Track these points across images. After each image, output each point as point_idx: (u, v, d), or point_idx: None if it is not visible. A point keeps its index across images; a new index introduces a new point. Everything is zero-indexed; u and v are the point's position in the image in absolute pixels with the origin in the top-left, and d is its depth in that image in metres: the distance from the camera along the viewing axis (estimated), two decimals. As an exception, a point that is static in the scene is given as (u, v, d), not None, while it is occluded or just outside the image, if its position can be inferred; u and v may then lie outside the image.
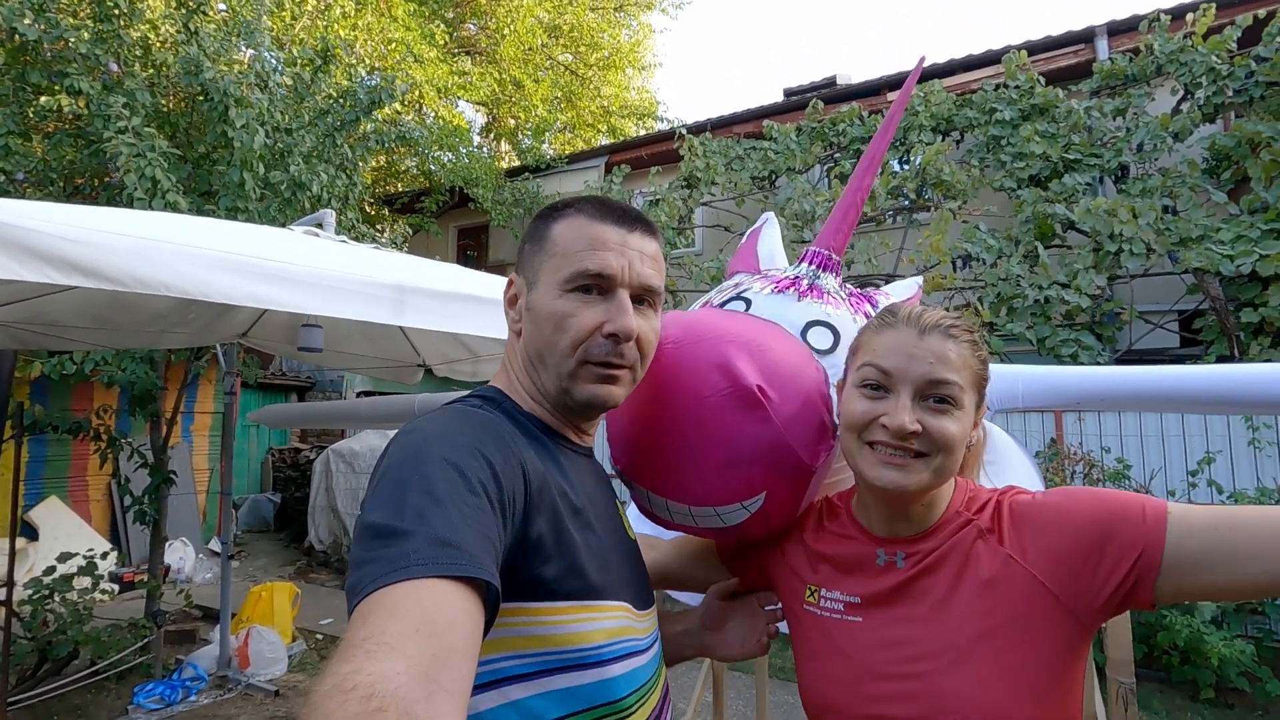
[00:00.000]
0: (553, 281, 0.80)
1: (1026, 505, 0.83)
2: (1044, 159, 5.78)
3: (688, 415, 0.87)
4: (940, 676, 0.77)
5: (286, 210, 4.19)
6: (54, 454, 6.47)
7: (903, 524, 0.87)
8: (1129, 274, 5.25)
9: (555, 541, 0.71)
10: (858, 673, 0.83)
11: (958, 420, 0.80)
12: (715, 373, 0.86)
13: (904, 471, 0.80)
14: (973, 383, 0.83)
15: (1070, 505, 0.79)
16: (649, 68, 15.69)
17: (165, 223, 1.92)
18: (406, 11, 10.36)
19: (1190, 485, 4.44)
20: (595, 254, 0.79)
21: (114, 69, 4.20)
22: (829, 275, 1.16)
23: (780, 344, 0.94)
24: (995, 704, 0.74)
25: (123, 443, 4.40)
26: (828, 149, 7.18)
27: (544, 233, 0.83)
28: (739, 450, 0.86)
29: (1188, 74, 5.51)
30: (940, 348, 0.81)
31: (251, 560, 7.54)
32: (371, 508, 0.60)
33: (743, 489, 0.89)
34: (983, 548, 0.82)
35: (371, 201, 10.64)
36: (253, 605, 4.61)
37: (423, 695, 0.45)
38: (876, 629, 0.84)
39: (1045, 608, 0.76)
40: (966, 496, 0.89)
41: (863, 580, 0.88)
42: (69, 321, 2.79)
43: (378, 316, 1.97)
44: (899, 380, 0.81)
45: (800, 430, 0.88)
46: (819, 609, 0.90)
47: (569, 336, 0.78)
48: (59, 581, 4.03)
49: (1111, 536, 0.74)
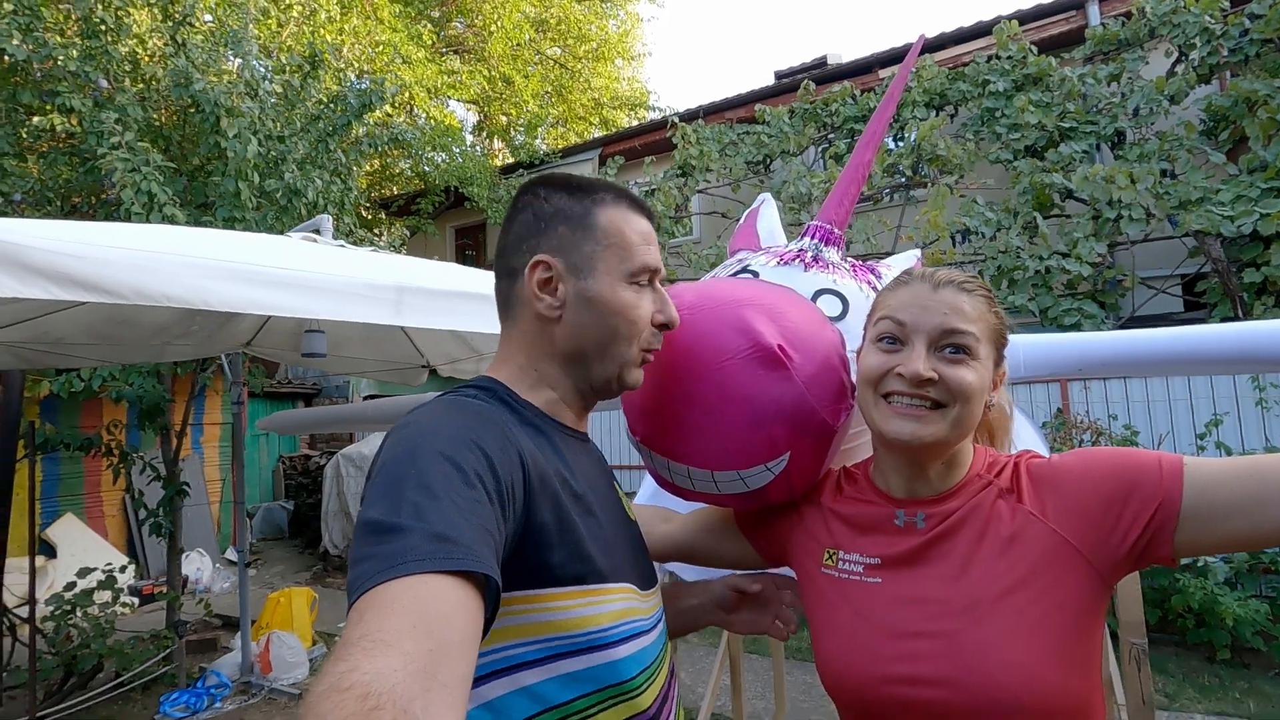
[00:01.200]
0: (617, 272, 0.81)
1: (1045, 465, 0.83)
2: (1039, 129, 5.74)
3: (709, 379, 0.87)
4: (964, 634, 0.77)
5: (283, 218, 4.21)
6: (67, 471, 6.53)
7: (922, 483, 0.87)
8: (1129, 240, 5.23)
9: (558, 528, 0.71)
10: (878, 633, 0.83)
11: (974, 370, 0.80)
12: (736, 335, 0.87)
13: (920, 422, 0.80)
14: (989, 335, 0.83)
15: (1089, 461, 0.80)
16: (638, 57, 15.64)
17: (163, 235, 1.94)
18: (392, 13, 10.34)
19: (1199, 448, 4.44)
20: (650, 249, 0.84)
21: (104, 85, 4.21)
22: (832, 249, 1.16)
23: (796, 307, 0.95)
24: (1021, 659, 0.74)
25: (134, 457, 4.43)
26: (821, 130, 7.15)
27: (587, 217, 0.82)
28: (762, 410, 0.86)
29: (1181, 35, 5.46)
30: (954, 300, 0.82)
31: (268, 568, 7.61)
32: (369, 504, 0.60)
33: (766, 450, 0.89)
34: (1003, 506, 0.82)
35: (368, 205, 10.65)
36: (271, 611, 4.66)
37: (420, 692, 0.45)
38: (896, 589, 0.84)
39: (1067, 561, 0.77)
40: (987, 461, 0.89)
41: (882, 541, 0.88)
42: (73, 339, 2.81)
43: (378, 318, 1.98)
44: (913, 331, 0.82)
45: (821, 389, 0.88)
46: (837, 571, 0.90)
47: (638, 328, 0.82)
48: (80, 596, 4.08)
49: (1131, 490, 0.75)
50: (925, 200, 5.91)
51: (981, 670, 0.75)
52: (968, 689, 0.75)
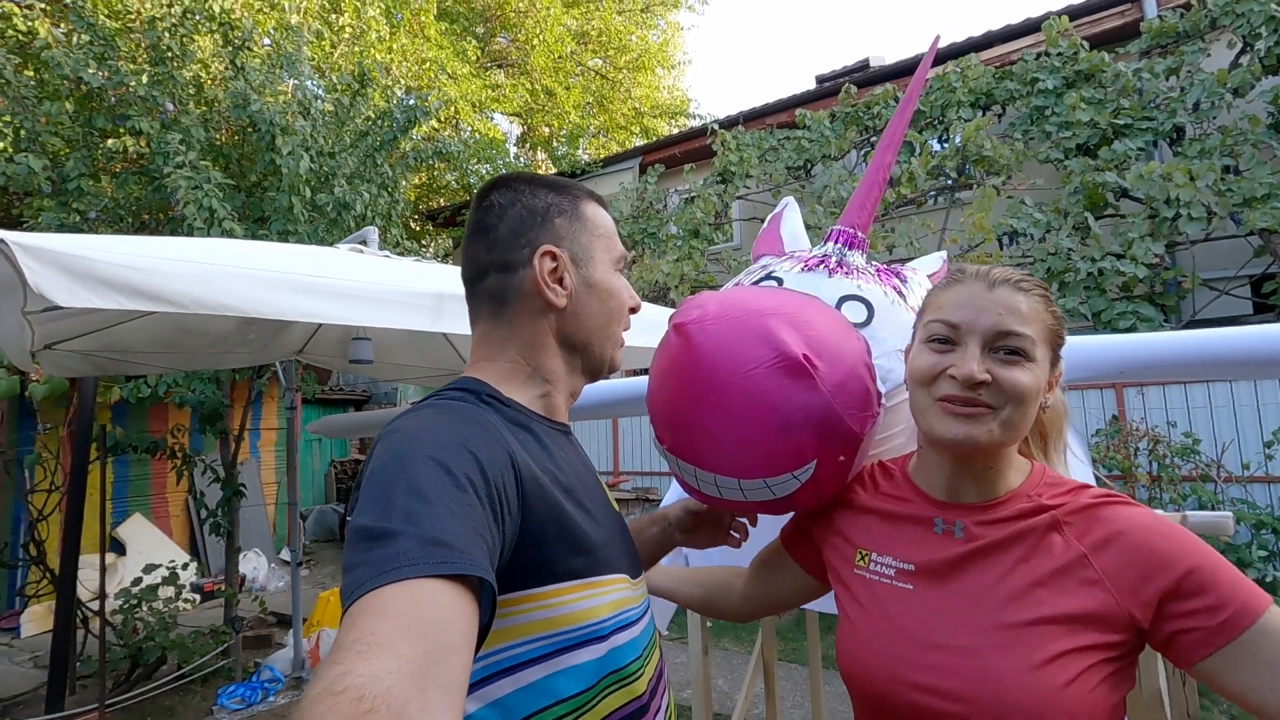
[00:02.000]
0: (608, 260, 0.89)
1: (1123, 519, 0.77)
2: (1092, 126, 5.55)
3: (735, 388, 0.87)
4: (989, 654, 0.75)
5: (333, 230, 4.38)
6: (135, 473, 6.89)
7: (967, 486, 0.85)
8: (1189, 240, 5.01)
9: (555, 524, 0.72)
10: (903, 639, 0.81)
11: (1029, 372, 0.78)
12: (761, 345, 0.87)
13: (973, 423, 0.78)
14: (1045, 337, 0.81)
15: (1178, 540, 0.74)
16: (679, 66, 15.70)
17: (220, 247, 2.05)
18: (439, 31, 10.65)
19: (1266, 457, 4.21)
20: (618, 240, 0.92)
21: (170, 108, 4.46)
22: (856, 252, 1.16)
23: (820, 315, 0.95)
24: (1044, 692, 0.72)
25: (196, 459, 4.66)
26: (863, 133, 7.06)
27: (578, 210, 0.88)
28: (789, 419, 0.86)
29: (1245, 25, 5.21)
30: (1010, 299, 0.80)
31: (320, 568, 7.86)
32: (360, 511, 0.59)
33: (794, 458, 0.89)
34: (1058, 540, 0.78)
35: (415, 217, 10.96)
36: (322, 610, 4.82)
37: (415, 694, 0.44)
38: (926, 598, 0.82)
39: (1110, 619, 0.74)
40: (1044, 479, 0.84)
41: (917, 547, 0.86)
42: (141, 347, 2.98)
43: (418, 324, 2.05)
44: (967, 332, 0.80)
45: (847, 397, 0.88)
46: (869, 573, 0.89)
47: (625, 309, 0.91)
48: (146, 592, 4.30)
49: (1202, 590, 0.70)
50: (970, 202, 5.78)
51: (1002, 695, 0.73)
52: (985, 710, 0.74)
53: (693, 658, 1.99)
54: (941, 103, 6.40)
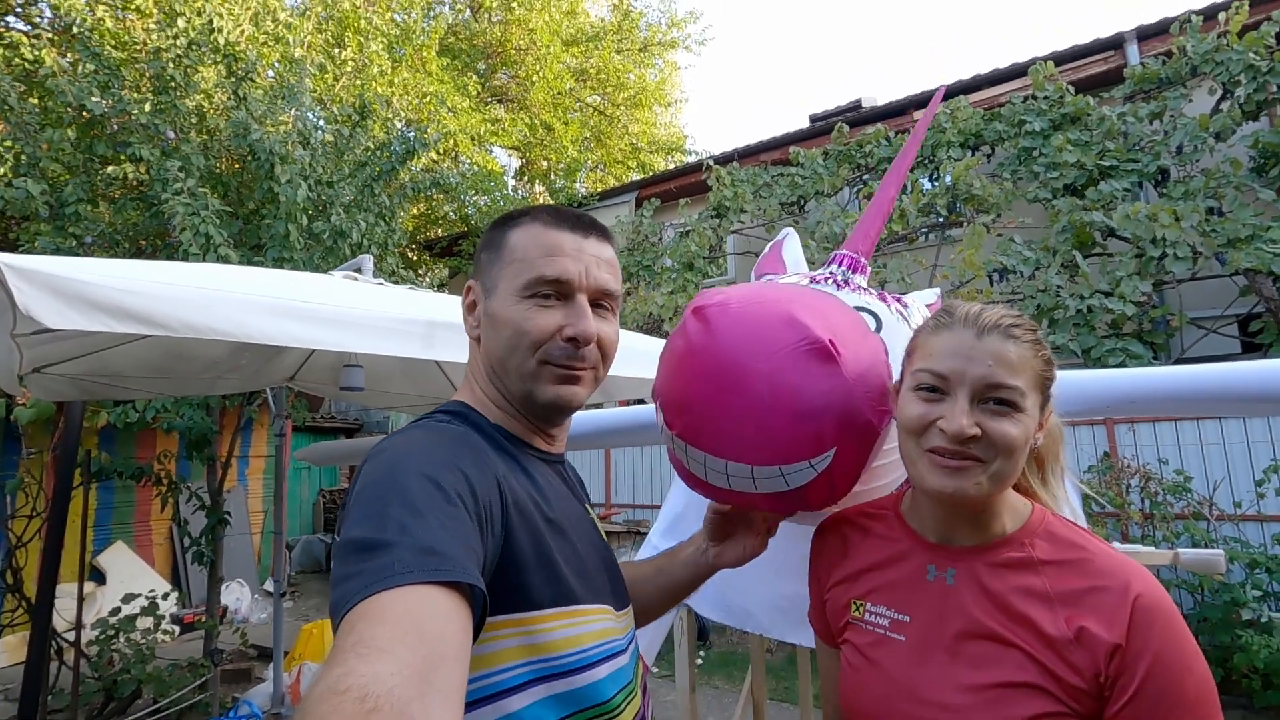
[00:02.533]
0: (511, 288, 0.81)
1: (1158, 639, 0.74)
2: (1078, 167, 5.68)
3: (757, 371, 0.85)
4: (968, 714, 0.76)
5: (329, 258, 4.40)
6: (119, 500, 6.79)
7: (961, 529, 0.85)
8: (1175, 279, 5.08)
9: (534, 551, 0.72)
10: (895, 693, 0.82)
11: (1018, 423, 0.78)
12: (786, 328, 0.85)
13: (962, 476, 0.77)
14: (1034, 384, 0.80)
15: (1189, 672, 0.72)
16: (675, 104, 16.04)
17: (213, 272, 2.05)
18: (440, 66, 10.86)
19: (1258, 495, 4.21)
20: (552, 260, 0.80)
21: (171, 136, 4.51)
22: (858, 275, 1.18)
23: (840, 311, 0.95)
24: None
25: (182, 486, 4.59)
26: (855, 171, 7.19)
27: (500, 240, 0.84)
28: (811, 403, 0.84)
29: (1225, 73, 5.38)
30: (999, 349, 0.78)
31: (304, 600, 7.71)
32: (351, 525, 0.60)
33: (812, 444, 0.86)
34: (1046, 613, 0.77)
35: (413, 247, 11.03)
36: (304, 643, 4.71)
37: (416, 695, 0.45)
38: (916, 651, 0.82)
39: (1089, 693, 0.74)
40: (1043, 528, 0.83)
41: (910, 596, 0.86)
42: (131, 372, 2.96)
43: (411, 351, 2.05)
44: (956, 383, 0.79)
45: (867, 388, 0.87)
46: (864, 623, 0.89)
47: (529, 339, 0.80)
48: (124, 622, 4.20)
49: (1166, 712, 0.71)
50: (961, 240, 5.86)
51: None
52: None
53: (680, 695, 1.95)
54: (932, 142, 6.54)
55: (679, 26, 14.82)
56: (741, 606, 1.41)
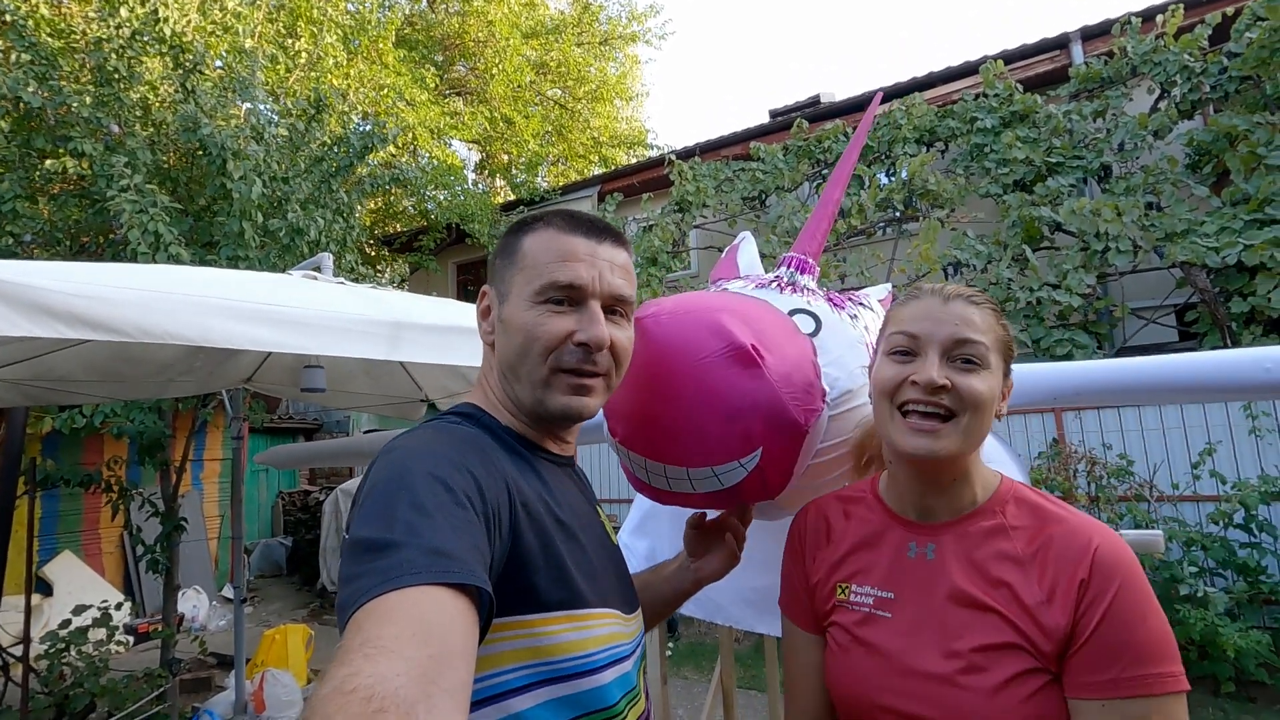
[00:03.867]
0: (524, 294, 0.81)
1: (1119, 587, 0.76)
2: (1027, 164, 5.87)
3: (686, 378, 0.91)
4: (961, 681, 0.79)
5: (286, 256, 4.29)
6: (66, 508, 6.53)
7: (937, 503, 0.88)
8: (1118, 271, 5.31)
9: (543, 553, 0.72)
10: (884, 668, 0.84)
11: (985, 380, 0.83)
12: (711, 336, 0.91)
13: (934, 437, 0.82)
14: (997, 347, 0.86)
15: (1142, 621, 0.76)
16: (637, 98, 16.00)
17: (168, 274, 2.00)
18: (397, 58, 10.63)
19: (1194, 477, 4.44)
20: (565, 265, 0.80)
21: (115, 130, 4.34)
22: (806, 277, 1.22)
23: (768, 314, 1.00)
24: (1009, 712, 0.75)
25: (134, 493, 4.45)
26: (814, 166, 7.30)
27: (514, 246, 0.85)
28: (736, 405, 0.90)
29: (1162, 73, 5.62)
30: (964, 312, 0.85)
31: (265, 605, 7.54)
32: (359, 525, 0.60)
33: (740, 445, 0.92)
34: (1018, 573, 0.81)
35: (371, 242, 10.81)
36: (267, 649, 4.62)
37: (422, 696, 0.45)
38: (903, 626, 0.85)
39: (1059, 648, 0.77)
40: (1013, 496, 0.88)
41: (893, 574, 0.89)
42: (77, 376, 2.86)
43: (375, 353, 2.03)
44: (926, 342, 0.85)
45: (793, 388, 0.92)
46: (849, 605, 0.91)
47: (540, 344, 0.79)
48: (74, 634, 4.05)
49: (1131, 663, 0.74)
50: (917, 234, 6.01)
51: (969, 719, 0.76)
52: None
53: (652, 686, 1.98)
54: (888, 138, 6.68)
55: (639, 20, 14.78)
56: (711, 599, 1.44)
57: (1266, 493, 4.05)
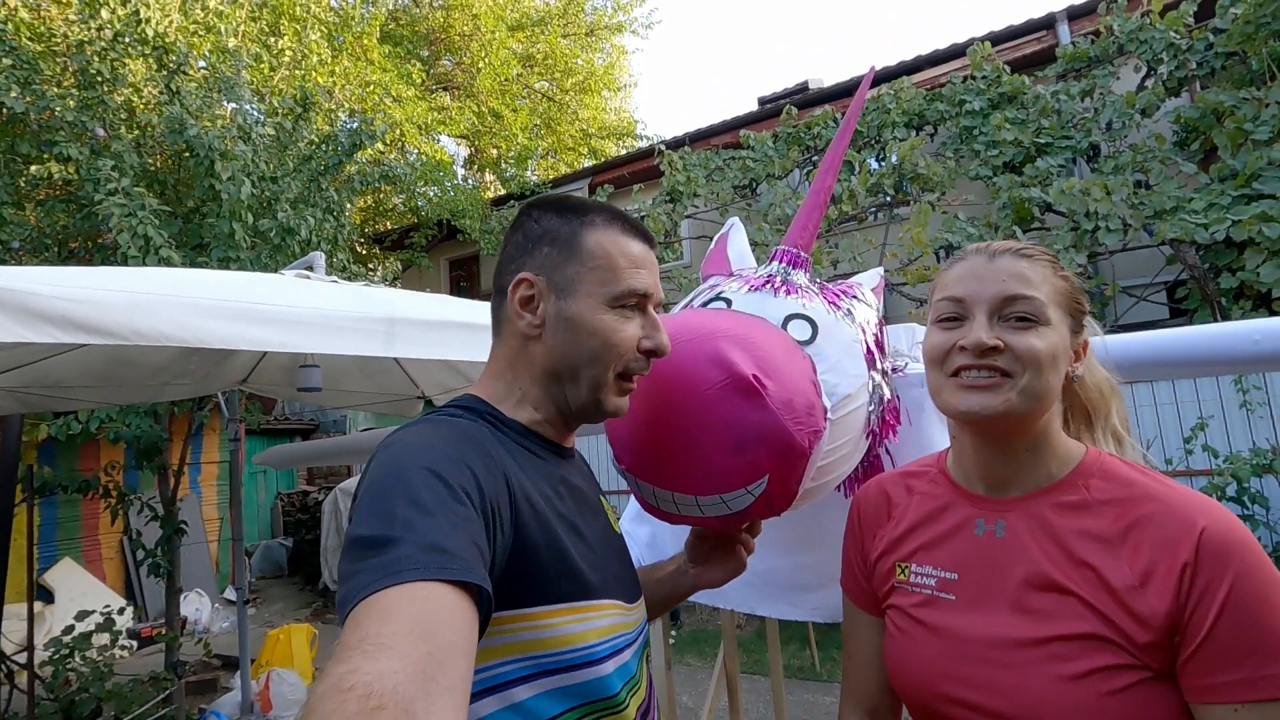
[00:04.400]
0: (598, 295, 0.80)
1: (1235, 573, 0.66)
2: (1016, 145, 5.88)
3: (689, 409, 0.91)
4: (1029, 670, 0.72)
5: (277, 256, 4.28)
6: (65, 515, 6.52)
7: (1008, 474, 0.81)
8: (1108, 250, 5.33)
9: (546, 546, 0.72)
10: (947, 654, 0.78)
11: (1043, 336, 0.75)
12: (712, 366, 0.91)
13: (989, 393, 0.75)
14: (1058, 300, 0.78)
15: (1273, 611, 0.65)
16: (625, 88, 15.93)
17: (160, 276, 1.99)
18: (382, 54, 10.55)
19: (1187, 452, 4.48)
20: (638, 273, 0.82)
21: (101, 134, 4.30)
22: (799, 271, 1.21)
23: (767, 335, 1.00)
24: (1087, 706, 0.68)
25: (132, 498, 4.44)
26: (804, 153, 7.30)
27: (574, 239, 0.82)
28: (742, 436, 0.90)
29: (1149, 51, 5.63)
30: (1013, 266, 0.78)
31: (267, 606, 7.55)
32: (358, 521, 0.60)
33: (747, 474, 0.92)
34: (1105, 555, 0.72)
35: (361, 240, 10.75)
36: (271, 649, 4.63)
37: (421, 694, 0.45)
38: (967, 609, 0.79)
39: (1158, 645, 0.68)
40: (1100, 469, 0.78)
41: (958, 553, 0.83)
42: (73, 381, 2.85)
43: (370, 350, 2.03)
44: (973, 304, 0.79)
45: (795, 413, 0.92)
46: (910, 586, 0.86)
47: (616, 351, 0.80)
48: (78, 640, 4.06)
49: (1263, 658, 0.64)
50: (908, 218, 6.02)
51: (1041, 713, 0.70)
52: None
53: (657, 673, 1.99)
54: (878, 123, 6.68)
55: (625, 10, 14.68)
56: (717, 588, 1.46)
57: (1258, 465, 4.09)
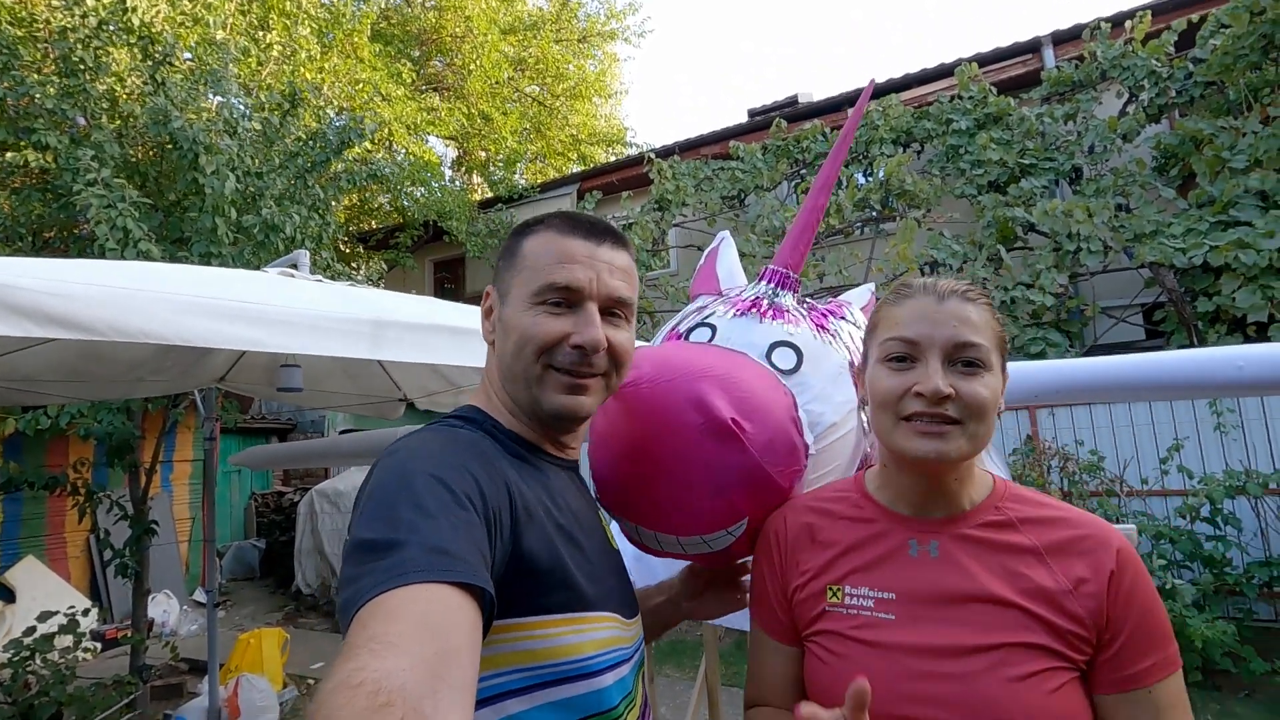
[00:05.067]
0: (522, 295, 0.81)
1: (1135, 572, 0.78)
2: (1001, 165, 5.97)
3: (669, 453, 0.91)
4: (980, 679, 0.75)
5: (260, 253, 4.21)
6: (29, 512, 6.33)
7: (937, 501, 0.84)
8: (1089, 271, 5.42)
9: (544, 557, 0.72)
10: (893, 671, 0.79)
11: (988, 384, 0.79)
12: (691, 410, 0.90)
13: (943, 439, 0.78)
14: (996, 345, 0.82)
15: (1158, 605, 0.78)
16: (616, 95, 15.95)
17: (140, 271, 1.94)
18: (372, 52, 10.49)
19: (1163, 472, 4.55)
20: (563, 267, 0.80)
21: (81, 122, 4.21)
22: (787, 293, 1.20)
23: (748, 375, 0.98)
24: (1037, 707, 0.72)
25: (101, 496, 4.33)
26: (793, 165, 7.35)
27: (516, 248, 0.85)
28: (721, 480, 0.90)
29: (1131, 78, 5.75)
30: (961, 310, 0.81)
31: (238, 608, 7.39)
32: (361, 526, 0.60)
33: (727, 516, 0.93)
34: (1038, 565, 0.79)
35: (346, 239, 10.64)
36: (241, 653, 4.52)
37: (429, 691, 0.45)
38: (910, 627, 0.80)
39: (1086, 641, 0.77)
40: (1009, 494, 0.86)
41: (894, 573, 0.84)
42: (42, 375, 2.77)
43: (355, 352, 1.99)
44: (926, 347, 0.80)
45: (775, 455, 0.93)
46: (844, 608, 0.85)
47: (533, 345, 0.80)
48: (39, 642, 3.93)
49: (1144, 645, 0.76)
50: (894, 233, 6.08)
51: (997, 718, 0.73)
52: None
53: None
54: (866, 139, 6.75)
55: (618, 18, 14.73)
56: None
57: (1231, 487, 4.16)
